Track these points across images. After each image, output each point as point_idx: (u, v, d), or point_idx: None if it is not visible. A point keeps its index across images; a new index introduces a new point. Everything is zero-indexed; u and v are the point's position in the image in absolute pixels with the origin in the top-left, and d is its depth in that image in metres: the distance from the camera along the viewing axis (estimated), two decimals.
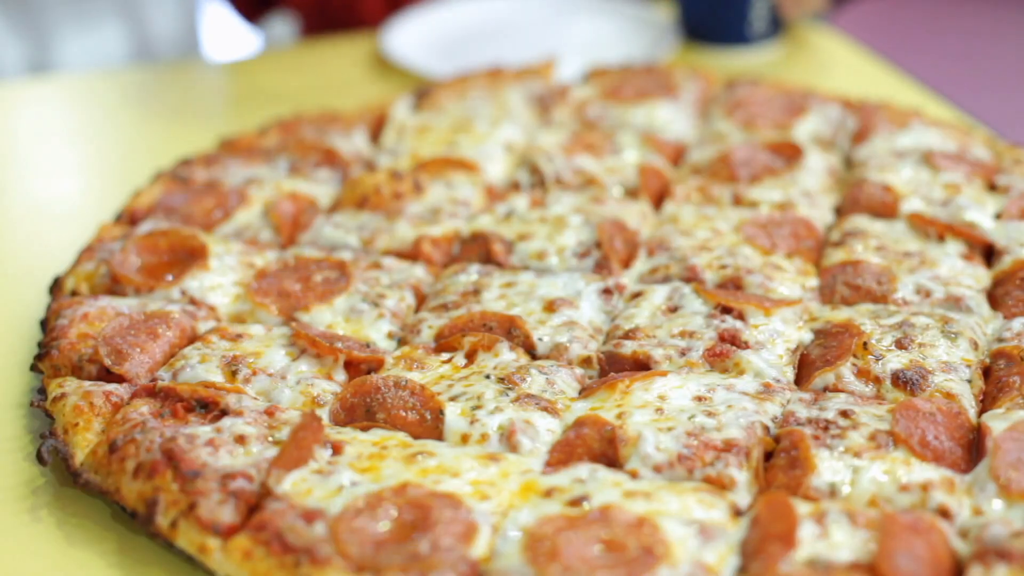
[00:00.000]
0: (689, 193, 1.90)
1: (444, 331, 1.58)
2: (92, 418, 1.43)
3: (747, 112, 2.12)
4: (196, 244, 1.72)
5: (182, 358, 1.52)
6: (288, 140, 2.05)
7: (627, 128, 2.08)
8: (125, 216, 1.85)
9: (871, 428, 1.35)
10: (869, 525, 1.22)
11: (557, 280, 1.66)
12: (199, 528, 1.26)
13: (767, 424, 1.39)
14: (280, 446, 1.35)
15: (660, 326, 1.56)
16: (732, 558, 1.21)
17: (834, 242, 1.76)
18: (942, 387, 1.44)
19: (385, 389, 1.45)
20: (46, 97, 2.50)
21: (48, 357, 1.53)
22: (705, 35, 2.55)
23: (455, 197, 1.88)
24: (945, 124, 2.09)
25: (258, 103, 2.35)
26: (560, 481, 1.31)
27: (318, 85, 2.38)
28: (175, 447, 1.33)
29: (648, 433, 1.35)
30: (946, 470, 1.31)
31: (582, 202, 1.85)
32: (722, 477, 1.31)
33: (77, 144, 2.33)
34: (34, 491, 1.41)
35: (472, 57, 2.44)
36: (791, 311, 1.58)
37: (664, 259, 1.71)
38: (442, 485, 1.29)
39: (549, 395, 1.45)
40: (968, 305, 1.60)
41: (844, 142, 2.06)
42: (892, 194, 1.84)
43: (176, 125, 2.32)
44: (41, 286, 1.74)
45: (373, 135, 2.12)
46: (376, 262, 1.72)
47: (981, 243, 1.73)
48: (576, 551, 1.20)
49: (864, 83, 2.41)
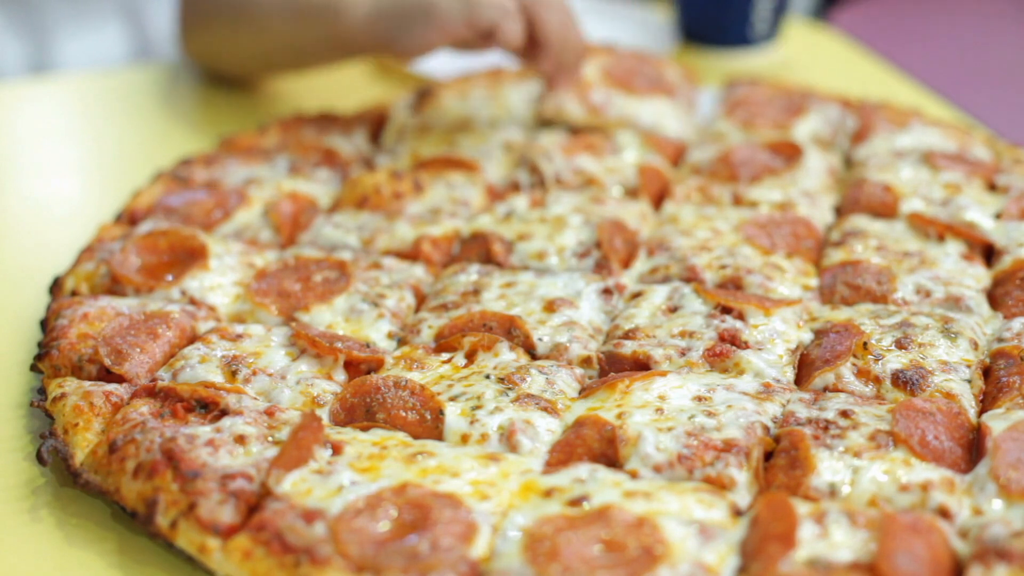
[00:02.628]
0: (689, 193, 1.90)
1: (444, 331, 1.58)
2: (92, 418, 1.42)
3: (747, 112, 2.12)
4: (196, 244, 1.72)
5: (182, 358, 1.52)
6: (288, 140, 2.05)
7: (628, 127, 2.08)
8: (125, 216, 1.85)
9: (871, 428, 1.35)
10: (869, 525, 1.22)
11: (557, 280, 1.66)
12: (199, 528, 1.26)
13: (767, 424, 1.39)
14: (280, 446, 1.35)
15: (660, 326, 1.56)
16: (732, 558, 1.21)
17: (834, 242, 1.76)
18: (942, 387, 1.44)
19: (385, 389, 1.44)
20: (46, 97, 2.49)
21: (48, 357, 1.53)
22: (705, 37, 2.54)
23: (455, 197, 1.88)
24: (945, 124, 2.09)
25: (258, 103, 2.34)
26: (560, 481, 1.31)
27: (318, 84, 2.37)
28: (175, 447, 1.33)
29: (648, 433, 1.35)
30: (946, 470, 1.31)
31: (582, 202, 1.85)
32: (722, 477, 1.31)
33: (77, 144, 2.33)
34: (34, 491, 1.40)
35: (473, 59, 2.44)
36: (791, 311, 1.58)
37: (664, 259, 1.71)
38: (442, 485, 1.29)
39: (549, 395, 1.45)
40: (968, 305, 1.60)
41: (844, 142, 2.06)
42: (892, 194, 1.84)
43: (176, 125, 2.32)
44: (41, 286, 1.74)
45: (373, 135, 2.11)
46: (376, 262, 1.71)
47: (981, 243, 1.73)
48: (576, 551, 1.20)
49: (864, 83, 2.41)
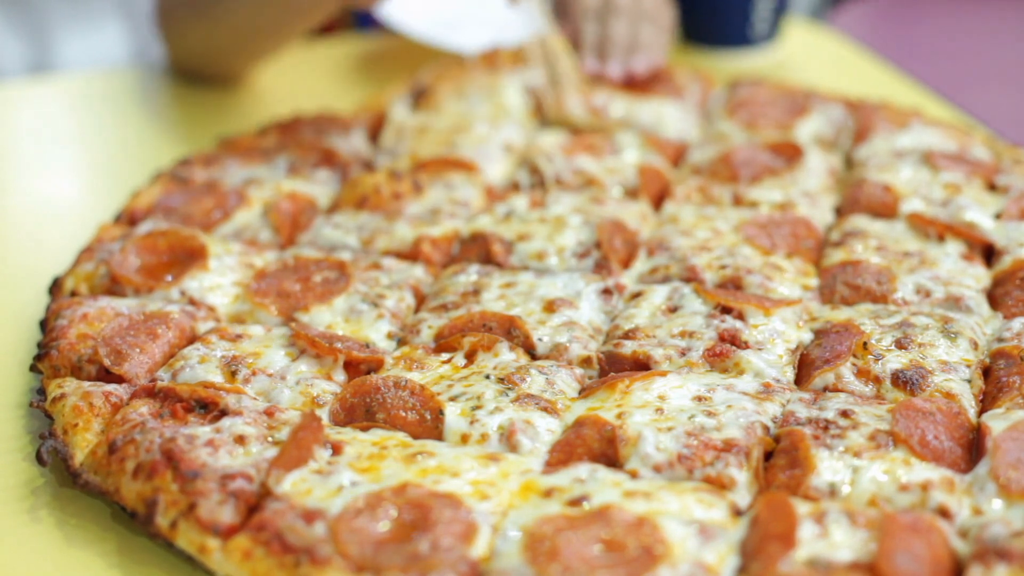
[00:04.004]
0: (689, 193, 1.90)
1: (444, 331, 1.58)
2: (92, 418, 1.42)
3: (749, 112, 2.12)
4: (195, 244, 1.72)
5: (181, 358, 1.51)
6: (287, 140, 2.05)
7: (631, 127, 2.08)
8: (124, 216, 1.85)
9: (871, 428, 1.35)
10: (869, 525, 1.22)
11: (557, 280, 1.66)
12: (199, 528, 1.26)
13: (767, 424, 1.38)
14: (280, 446, 1.35)
15: (660, 326, 1.56)
16: (732, 558, 1.21)
17: (834, 242, 1.76)
18: (942, 387, 1.44)
19: (385, 389, 1.44)
20: (46, 97, 2.49)
21: (47, 357, 1.53)
22: (705, 37, 2.55)
23: (454, 197, 1.88)
24: (945, 124, 2.08)
25: (257, 103, 2.34)
26: (560, 481, 1.30)
27: (318, 84, 2.38)
28: (175, 447, 1.33)
29: (648, 433, 1.35)
30: (946, 470, 1.31)
31: (582, 202, 1.85)
32: (722, 477, 1.31)
33: (77, 144, 2.33)
34: (34, 491, 1.40)
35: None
36: (791, 311, 1.58)
37: (664, 259, 1.71)
38: (442, 485, 1.29)
39: (549, 395, 1.45)
40: (968, 305, 1.60)
41: (846, 142, 2.06)
42: (892, 194, 1.84)
43: (176, 125, 2.32)
44: (40, 286, 1.74)
45: (372, 135, 2.11)
46: (376, 262, 1.71)
47: (981, 243, 1.73)
48: (576, 551, 1.20)
49: (864, 83, 2.41)
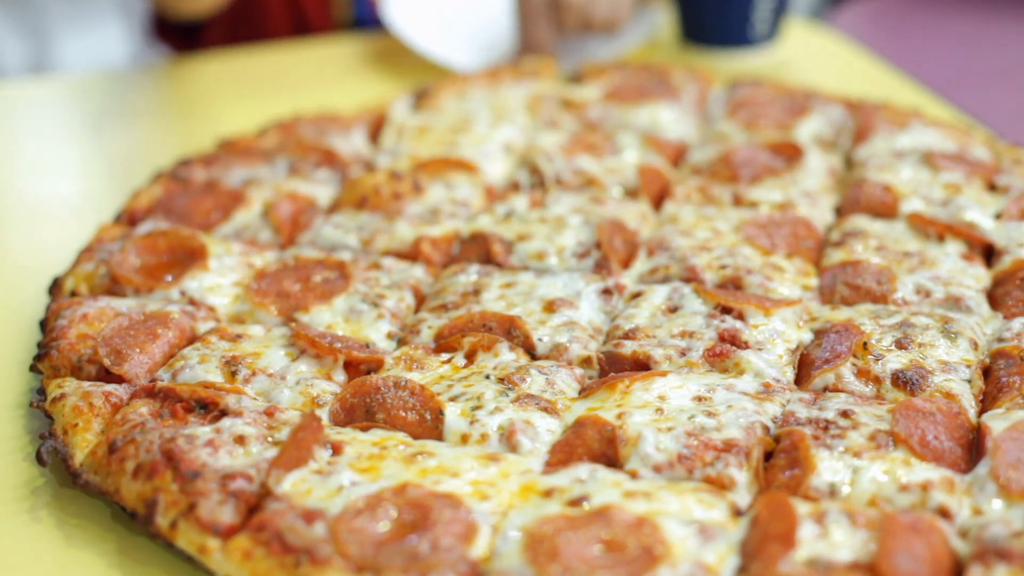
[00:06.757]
0: (689, 193, 1.90)
1: (444, 331, 1.58)
2: (91, 419, 1.42)
3: (749, 112, 2.12)
4: (195, 244, 1.72)
5: (181, 358, 1.51)
6: (287, 140, 2.05)
7: (628, 129, 2.08)
8: (124, 216, 1.85)
9: (871, 428, 1.35)
10: (869, 525, 1.22)
11: (557, 280, 1.66)
12: (199, 528, 1.26)
13: (767, 424, 1.38)
14: (280, 446, 1.35)
15: (660, 326, 1.56)
16: (732, 558, 1.21)
17: (834, 242, 1.76)
18: (942, 387, 1.44)
19: (385, 389, 1.44)
20: (46, 97, 2.49)
21: (47, 357, 1.53)
22: (705, 37, 2.54)
23: (454, 197, 1.88)
24: (945, 124, 2.08)
25: (257, 103, 2.34)
26: (560, 481, 1.30)
27: (317, 85, 2.38)
28: (175, 447, 1.33)
29: (648, 433, 1.35)
30: (946, 470, 1.31)
31: (582, 202, 1.85)
32: (722, 477, 1.31)
33: (77, 144, 2.33)
34: (34, 491, 1.40)
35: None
36: (791, 311, 1.58)
37: (664, 259, 1.71)
38: (442, 485, 1.29)
39: (549, 395, 1.45)
40: (968, 305, 1.60)
41: (846, 142, 2.06)
42: (892, 194, 1.84)
43: (176, 125, 2.32)
44: (40, 286, 1.74)
45: (372, 135, 2.11)
46: (376, 262, 1.71)
47: (981, 243, 1.73)
48: (576, 551, 1.20)
49: (864, 83, 2.41)
